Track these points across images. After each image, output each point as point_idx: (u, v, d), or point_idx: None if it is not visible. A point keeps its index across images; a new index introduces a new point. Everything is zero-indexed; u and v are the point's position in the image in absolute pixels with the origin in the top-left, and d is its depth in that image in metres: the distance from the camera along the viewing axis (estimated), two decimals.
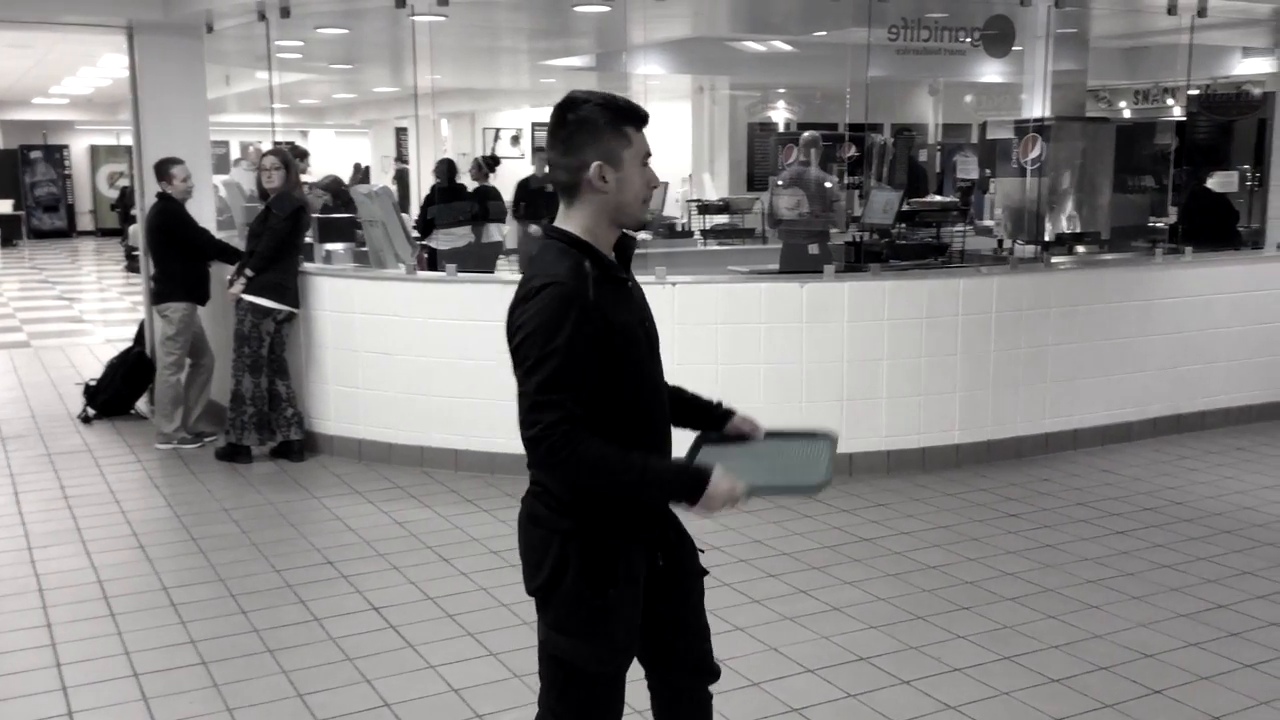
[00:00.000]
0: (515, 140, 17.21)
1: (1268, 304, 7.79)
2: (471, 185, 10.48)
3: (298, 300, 6.84)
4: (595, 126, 2.30)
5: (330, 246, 7.50)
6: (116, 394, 8.05)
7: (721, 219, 10.90)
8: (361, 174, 17.97)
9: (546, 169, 2.42)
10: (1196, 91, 10.13)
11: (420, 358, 6.60)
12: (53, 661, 4.18)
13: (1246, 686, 3.94)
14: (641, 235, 9.90)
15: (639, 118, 2.36)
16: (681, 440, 2.65)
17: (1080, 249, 7.96)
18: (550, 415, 2.23)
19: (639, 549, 2.48)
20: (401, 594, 4.81)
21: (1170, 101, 12.03)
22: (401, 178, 14.67)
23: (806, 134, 8.74)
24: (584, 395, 2.27)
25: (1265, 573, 5.03)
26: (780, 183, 8.51)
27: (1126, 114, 12.73)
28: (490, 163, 10.65)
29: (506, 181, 11.22)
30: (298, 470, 6.71)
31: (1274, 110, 8.22)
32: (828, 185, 8.39)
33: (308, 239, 7.24)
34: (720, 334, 6.28)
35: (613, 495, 2.36)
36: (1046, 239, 7.79)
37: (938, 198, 10.25)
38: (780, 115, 14.25)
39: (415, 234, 9.25)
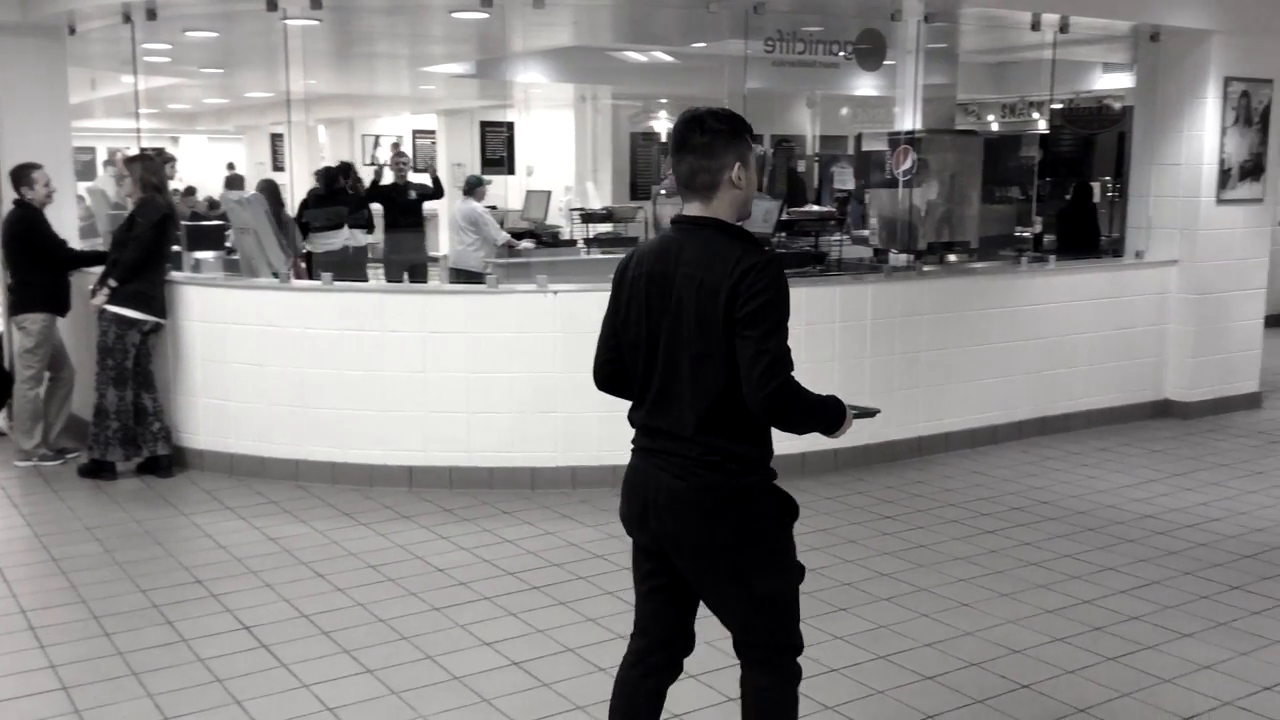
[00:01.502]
0: (395, 146, 16.96)
1: (1126, 310, 8.12)
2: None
3: (164, 310, 6.63)
4: (728, 135, 2.73)
5: (200, 255, 7.29)
6: None
7: (605, 228, 10.91)
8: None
9: (686, 172, 2.76)
10: (1060, 105, 10.52)
11: (296, 369, 6.46)
12: None
13: (1109, 679, 4.08)
14: (524, 244, 9.85)
15: (751, 129, 2.80)
16: None
17: (951, 257, 8.19)
18: (789, 367, 2.64)
19: None
20: (274, 612, 4.68)
21: (1035, 115, 12.46)
22: (234, 184, 14.41)
23: None
24: None
25: (1126, 568, 5.23)
26: (663, 192, 8.57)
27: (994, 127, 13.15)
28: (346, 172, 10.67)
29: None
30: (165, 487, 6.49)
31: (1133, 123, 8.56)
32: None
33: (175, 247, 7.02)
34: None
35: (808, 427, 2.77)
36: (919, 248, 7.99)
37: (816, 207, 10.43)
38: (662, 125, 14.32)
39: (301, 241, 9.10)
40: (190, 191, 15.49)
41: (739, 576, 2.76)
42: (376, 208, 10.68)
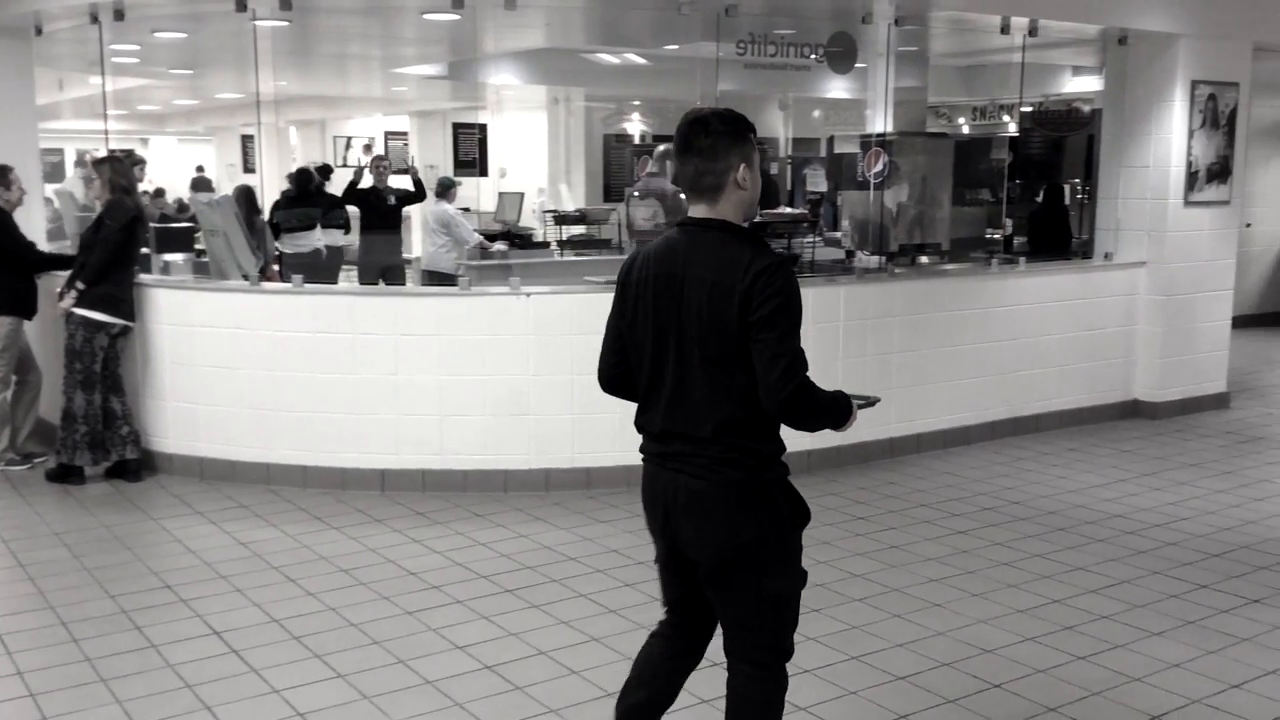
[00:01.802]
0: (368, 148, 16.90)
1: (1096, 311, 8.19)
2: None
3: (133, 313, 6.57)
4: (732, 136, 2.71)
5: (169, 257, 7.22)
6: None
7: (578, 230, 10.90)
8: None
9: (691, 175, 2.75)
10: (1030, 108, 10.58)
11: (266, 371, 6.41)
12: None
13: (1080, 678, 4.11)
14: (497, 246, 9.83)
15: (755, 129, 2.77)
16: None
17: (922, 259, 8.23)
18: (805, 368, 2.66)
19: None
20: (244, 617, 4.65)
21: (1006, 118, 12.54)
22: (201, 186, 14.33)
23: (661, 146, 8.81)
24: None
25: (1096, 568, 5.26)
26: (636, 194, 8.56)
27: (965, 130, 13.21)
28: (322, 172, 10.60)
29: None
30: (134, 491, 6.43)
31: (1101, 126, 8.63)
32: (683, 197, 8.46)
33: (144, 249, 6.96)
34: (576, 344, 6.27)
35: (821, 425, 2.80)
36: (890, 250, 8.03)
37: (788, 210, 10.45)
38: (635, 127, 14.33)
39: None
40: (159, 193, 15.34)
41: (751, 573, 2.77)
42: (353, 210, 10.61)
